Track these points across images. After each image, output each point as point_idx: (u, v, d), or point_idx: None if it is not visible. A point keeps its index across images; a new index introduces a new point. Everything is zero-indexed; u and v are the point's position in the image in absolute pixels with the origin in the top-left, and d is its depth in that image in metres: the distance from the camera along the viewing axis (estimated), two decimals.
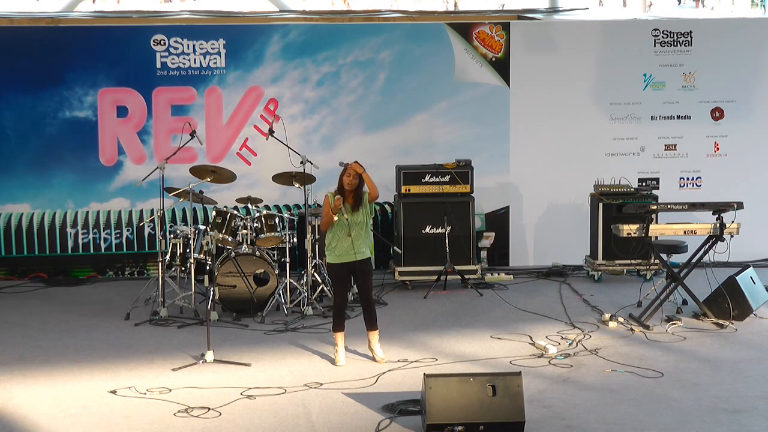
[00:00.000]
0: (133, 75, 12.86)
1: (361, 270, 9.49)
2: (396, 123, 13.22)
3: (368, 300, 9.57)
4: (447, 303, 11.74)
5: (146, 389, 8.78)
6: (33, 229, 12.95)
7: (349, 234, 9.40)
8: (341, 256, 9.46)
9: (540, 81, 13.31)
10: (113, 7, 18.94)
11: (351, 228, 9.42)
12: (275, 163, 12.14)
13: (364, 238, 9.53)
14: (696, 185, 13.59)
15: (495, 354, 9.81)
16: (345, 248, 9.43)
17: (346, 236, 9.41)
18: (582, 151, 13.39)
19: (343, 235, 9.43)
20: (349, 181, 9.44)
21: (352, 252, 9.42)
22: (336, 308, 9.62)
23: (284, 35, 13.06)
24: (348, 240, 9.40)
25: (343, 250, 9.44)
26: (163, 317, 10.98)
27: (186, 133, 11.64)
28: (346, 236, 9.41)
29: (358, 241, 9.45)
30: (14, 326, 10.96)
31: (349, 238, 9.40)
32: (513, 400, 7.77)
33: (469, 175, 12.54)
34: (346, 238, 9.41)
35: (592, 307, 11.44)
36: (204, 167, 11.57)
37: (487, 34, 13.24)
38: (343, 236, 9.43)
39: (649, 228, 10.90)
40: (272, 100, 13.07)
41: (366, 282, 9.53)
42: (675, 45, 13.41)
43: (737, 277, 10.89)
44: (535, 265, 13.41)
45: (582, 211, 13.05)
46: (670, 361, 9.57)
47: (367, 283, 9.54)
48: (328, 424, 8.09)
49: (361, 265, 9.48)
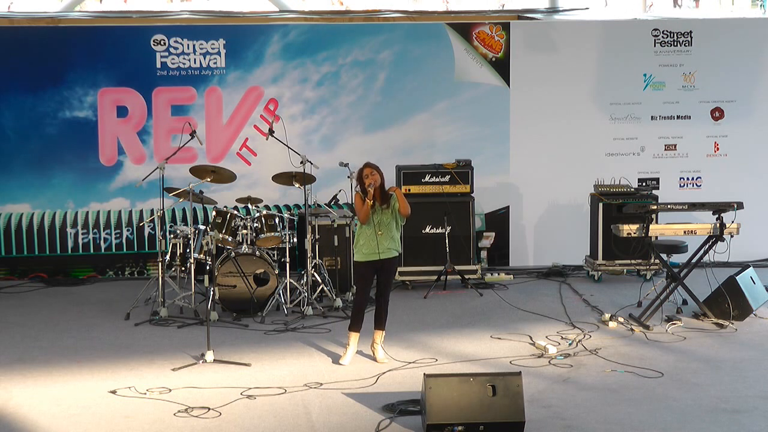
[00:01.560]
0: (133, 75, 12.87)
1: (386, 269, 9.51)
2: (396, 123, 13.22)
3: (385, 298, 9.57)
4: (447, 303, 11.74)
5: (146, 389, 8.78)
6: (33, 229, 12.95)
7: (378, 232, 9.41)
8: (368, 255, 9.45)
9: (540, 81, 13.32)
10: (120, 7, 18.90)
11: (379, 227, 9.43)
12: (275, 163, 12.15)
13: (392, 236, 9.53)
14: (696, 185, 13.59)
15: (495, 354, 9.80)
16: (372, 247, 9.42)
17: (375, 234, 9.41)
18: (582, 151, 13.40)
19: (372, 233, 9.43)
20: (370, 181, 9.42)
21: (379, 250, 9.41)
22: (356, 307, 9.59)
23: (284, 35, 13.06)
24: (376, 239, 9.40)
25: (370, 248, 9.43)
26: (163, 317, 10.98)
27: (186, 133, 11.64)
28: (376, 234, 9.41)
29: (386, 241, 9.45)
30: (14, 326, 10.96)
31: (378, 237, 9.40)
32: (513, 400, 7.76)
33: (469, 175, 12.54)
34: (374, 236, 9.41)
35: (592, 307, 11.44)
36: (204, 167, 11.57)
37: (487, 34, 13.25)
38: (371, 235, 9.43)
39: (649, 228, 10.90)
40: (272, 100, 13.07)
41: (388, 280, 9.56)
42: (675, 45, 13.41)
43: (737, 277, 10.89)
44: (535, 265, 13.41)
45: (582, 211, 13.05)
46: (670, 361, 9.57)
47: (388, 281, 9.57)
48: (328, 424, 8.08)
49: (387, 264, 9.49)
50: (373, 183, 9.41)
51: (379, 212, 9.45)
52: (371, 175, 9.43)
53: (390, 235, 9.49)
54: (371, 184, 9.39)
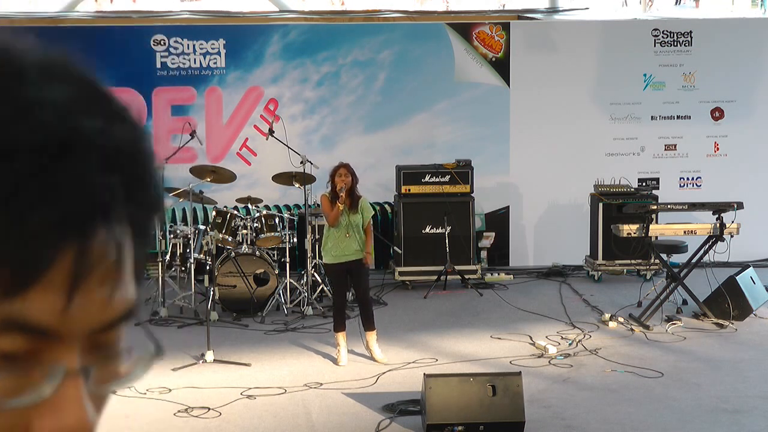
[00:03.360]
0: (133, 75, 12.85)
1: (357, 270, 9.50)
2: (396, 123, 13.22)
3: (365, 300, 9.58)
4: (447, 303, 11.74)
5: (146, 389, 8.77)
6: None
7: (347, 234, 9.42)
8: (337, 257, 9.48)
9: (540, 81, 13.31)
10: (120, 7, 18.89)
11: (347, 229, 9.44)
12: (275, 163, 12.14)
13: (360, 238, 9.54)
14: (696, 185, 13.58)
15: (495, 354, 9.80)
16: (341, 248, 9.45)
17: (344, 237, 9.43)
18: (582, 151, 13.39)
19: (341, 235, 9.45)
20: (342, 181, 9.45)
21: (348, 252, 9.44)
22: (336, 308, 9.63)
23: (284, 35, 13.05)
24: (345, 240, 9.42)
25: (339, 250, 9.47)
26: (163, 317, 10.97)
27: (186, 133, 11.64)
28: (344, 237, 9.42)
29: (354, 243, 9.46)
30: None
31: (345, 239, 9.42)
32: (513, 400, 7.76)
33: (469, 175, 12.53)
34: (343, 239, 9.43)
35: (592, 307, 11.44)
36: (204, 167, 11.57)
37: (487, 34, 13.24)
38: (340, 236, 9.45)
39: (649, 228, 10.90)
40: (272, 100, 13.07)
41: (361, 281, 9.55)
42: (675, 45, 13.41)
43: (737, 277, 10.88)
44: (535, 265, 13.40)
45: (582, 211, 13.04)
46: (670, 361, 9.56)
47: (363, 282, 9.56)
48: (328, 424, 8.08)
49: (356, 265, 9.49)
50: (345, 186, 9.42)
51: (348, 214, 9.47)
52: (345, 176, 9.45)
53: (358, 237, 9.50)
54: (342, 188, 9.40)
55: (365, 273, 9.60)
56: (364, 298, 9.59)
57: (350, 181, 9.47)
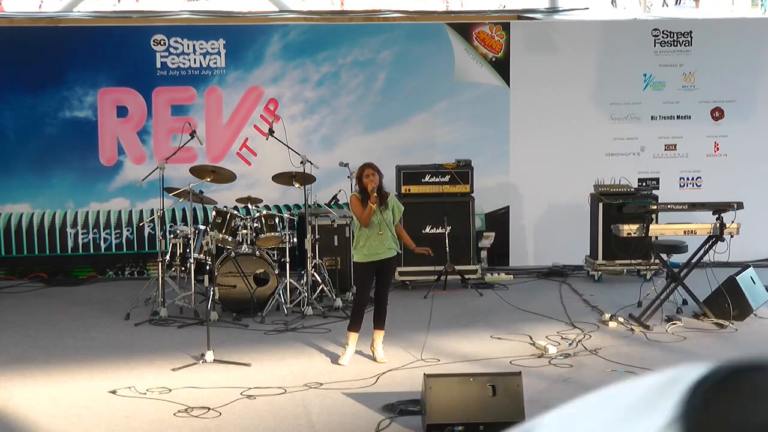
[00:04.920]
0: (133, 75, 12.86)
1: (386, 269, 9.53)
2: (396, 123, 13.21)
3: (384, 298, 9.59)
4: (447, 303, 11.73)
5: (146, 389, 8.78)
6: (33, 229, 12.95)
7: (379, 232, 9.42)
8: (369, 255, 9.44)
9: (540, 81, 13.31)
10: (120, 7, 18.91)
11: (380, 227, 9.43)
12: (275, 163, 12.14)
13: (392, 235, 9.53)
14: (696, 185, 13.58)
15: (495, 354, 9.80)
16: (374, 247, 9.42)
17: (376, 235, 9.40)
18: (582, 151, 13.39)
19: (373, 234, 9.42)
20: (371, 182, 9.42)
21: (380, 251, 9.42)
22: (356, 307, 9.60)
23: (284, 35, 13.05)
24: (377, 239, 9.40)
25: (371, 249, 9.43)
26: (163, 317, 10.97)
27: (186, 133, 11.64)
28: (377, 235, 9.40)
29: (387, 240, 9.45)
30: (14, 326, 10.96)
31: (378, 237, 9.40)
32: (513, 400, 7.76)
33: (469, 175, 12.53)
34: (375, 237, 9.41)
35: (592, 307, 11.44)
36: (204, 167, 11.57)
37: (487, 34, 13.24)
38: (372, 235, 9.42)
39: (649, 228, 10.90)
40: (272, 100, 13.06)
41: (387, 280, 9.60)
42: (675, 45, 13.41)
43: (737, 277, 10.88)
44: (535, 265, 13.40)
45: (582, 211, 13.04)
46: (670, 361, 9.55)
47: (388, 281, 9.61)
48: (328, 424, 8.08)
49: (387, 264, 9.52)
50: (375, 186, 9.40)
51: (379, 213, 9.45)
52: (372, 175, 9.43)
53: (390, 234, 9.50)
54: (373, 189, 9.38)
55: (393, 272, 9.68)
56: (384, 298, 9.60)
57: (377, 180, 9.46)
